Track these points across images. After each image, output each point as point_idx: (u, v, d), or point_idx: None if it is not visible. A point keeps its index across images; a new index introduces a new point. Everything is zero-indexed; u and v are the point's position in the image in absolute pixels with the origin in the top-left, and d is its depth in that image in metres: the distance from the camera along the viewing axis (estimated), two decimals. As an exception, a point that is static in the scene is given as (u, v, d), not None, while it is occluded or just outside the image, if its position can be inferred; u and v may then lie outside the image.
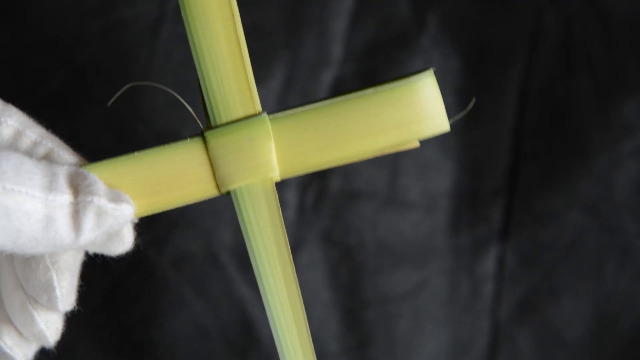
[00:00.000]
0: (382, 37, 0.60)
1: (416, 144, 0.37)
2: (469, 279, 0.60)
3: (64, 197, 0.33)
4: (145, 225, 0.41)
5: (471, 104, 0.58)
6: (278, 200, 0.36)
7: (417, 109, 0.36)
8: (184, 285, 0.59)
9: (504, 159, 0.60)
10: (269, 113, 0.36)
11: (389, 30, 0.60)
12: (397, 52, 0.60)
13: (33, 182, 0.32)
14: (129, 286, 0.59)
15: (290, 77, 0.60)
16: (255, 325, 0.59)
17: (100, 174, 0.35)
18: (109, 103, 0.40)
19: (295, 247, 0.60)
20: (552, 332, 0.60)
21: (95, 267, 0.60)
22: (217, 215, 0.59)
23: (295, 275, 0.36)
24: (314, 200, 0.60)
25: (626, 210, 0.60)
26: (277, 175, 0.36)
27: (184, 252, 0.59)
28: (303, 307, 0.36)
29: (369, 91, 0.36)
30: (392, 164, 0.60)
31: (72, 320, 0.59)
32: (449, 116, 0.37)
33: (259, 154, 0.36)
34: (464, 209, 0.60)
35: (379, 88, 0.36)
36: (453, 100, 0.60)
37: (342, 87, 0.60)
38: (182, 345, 0.59)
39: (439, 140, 0.60)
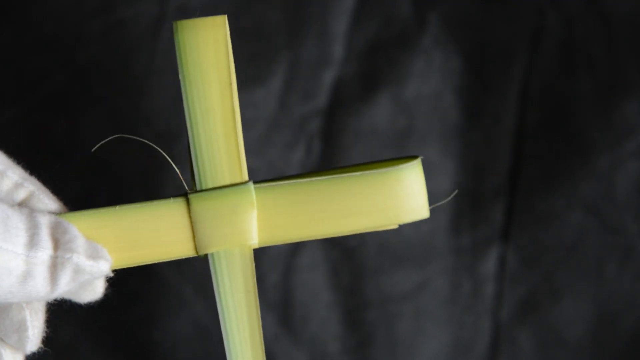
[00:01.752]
0: (383, 37, 0.60)
1: (395, 226, 0.37)
2: (470, 279, 0.60)
3: (45, 253, 0.33)
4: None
5: (454, 193, 0.59)
6: (254, 267, 0.36)
7: (401, 196, 0.36)
8: (184, 285, 0.59)
9: (505, 159, 0.60)
10: (255, 182, 0.36)
11: (390, 30, 0.60)
12: (398, 52, 0.60)
13: (18, 239, 0.32)
14: (129, 287, 0.59)
15: (291, 77, 0.60)
16: (255, 325, 0.59)
17: (80, 224, 0.35)
18: (93, 149, 0.41)
19: (296, 248, 0.60)
20: (553, 332, 0.60)
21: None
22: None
23: (262, 343, 0.36)
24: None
25: (627, 211, 0.59)
26: (255, 243, 0.36)
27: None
28: None
29: (356, 173, 0.36)
30: (392, 164, 0.60)
31: (72, 321, 0.59)
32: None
33: (241, 222, 0.36)
34: (465, 209, 0.60)
35: (366, 172, 0.36)
36: (454, 100, 0.60)
37: (342, 87, 0.60)
38: (183, 346, 0.59)
39: (440, 141, 0.60)
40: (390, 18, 0.60)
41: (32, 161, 0.59)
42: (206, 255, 0.36)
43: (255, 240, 0.36)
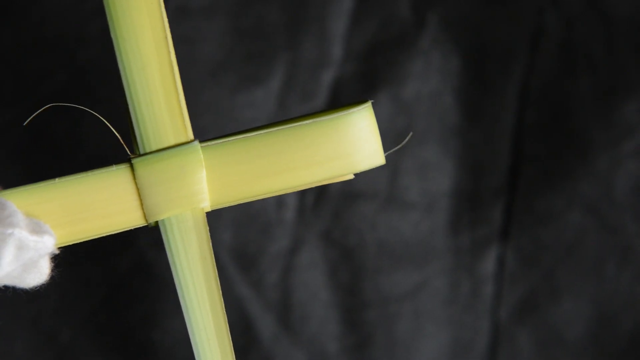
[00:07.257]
0: (382, 38, 0.60)
1: (350, 176, 0.35)
2: (469, 279, 0.60)
3: None
4: (145, 227, 0.41)
5: (408, 137, 0.58)
6: (208, 231, 0.34)
7: (353, 142, 0.35)
8: (184, 285, 0.59)
9: (504, 159, 0.60)
10: (201, 141, 0.34)
11: (389, 30, 0.60)
12: (397, 52, 0.60)
13: None
14: (129, 287, 0.59)
15: (291, 77, 0.60)
16: (255, 325, 0.59)
17: (18, 202, 0.33)
18: (25, 123, 0.39)
19: (295, 248, 0.60)
20: (553, 332, 0.60)
21: (95, 268, 0.60)
22: (217, 215, 0.59)
23: (224, 310, 0.35)
24: (314, 201, 0.60)
25: (627, 211, 0.59)
26: (207, 206, 0.34)
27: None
28: (231, 345, 0.35)
29: (307, 121, 0.34)
30: (392, 164, 0.60)
31: (72, 321, 0.59)
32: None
33: (190, 184, 0.34)
34: (464, 209, 0.60)
35: (317, 119, 0.34)
36: (453, 100, 0.60)
37: (342, 87, 0.60)
38: (183, 346, 0.59)
39: (439, 140, 0.60)
40: (389, 18, 0.60)
41: (32, 161, 0.59)
42: (157, 223, 0.34)
43: (207, 202, 0.34)
